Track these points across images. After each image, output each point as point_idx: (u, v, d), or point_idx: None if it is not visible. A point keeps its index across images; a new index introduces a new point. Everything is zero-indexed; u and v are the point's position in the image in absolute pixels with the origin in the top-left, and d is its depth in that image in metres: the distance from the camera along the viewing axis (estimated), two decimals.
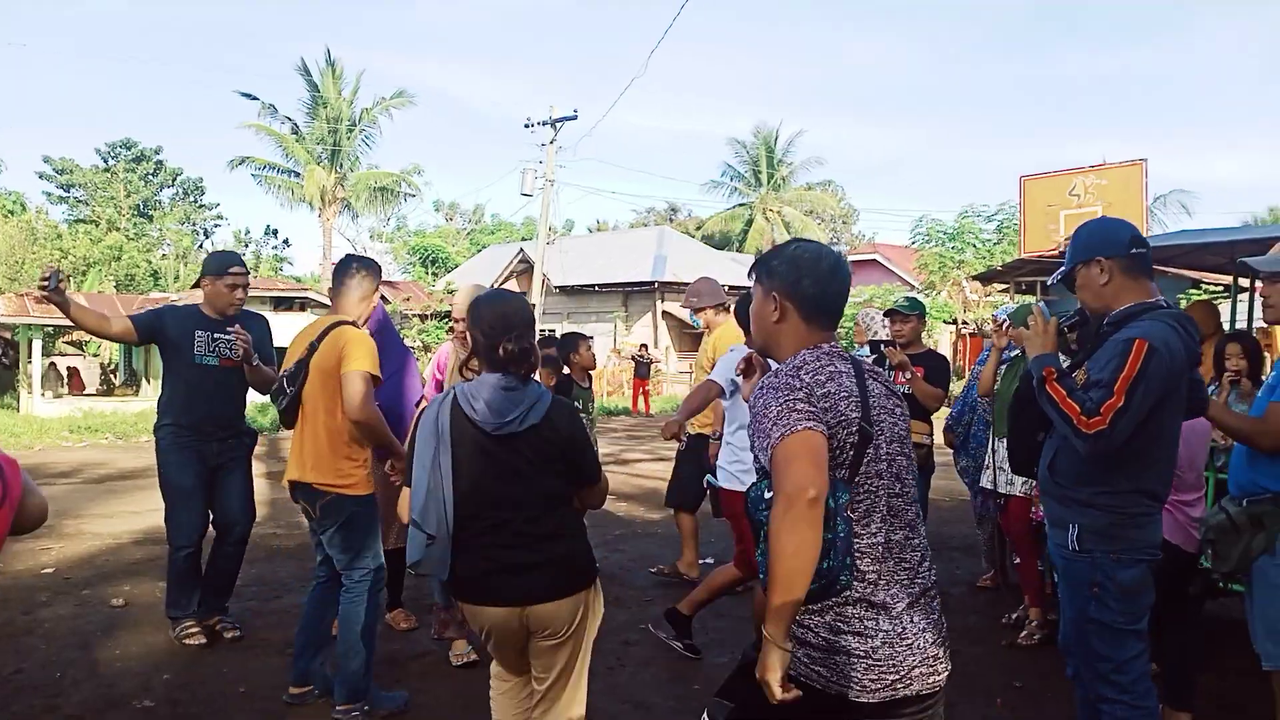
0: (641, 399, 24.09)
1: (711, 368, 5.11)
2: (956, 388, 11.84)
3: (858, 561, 2.06)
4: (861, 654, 2.06)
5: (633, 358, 24.92)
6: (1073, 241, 3.03)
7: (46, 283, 4.21)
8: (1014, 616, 5.31)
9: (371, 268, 4.22)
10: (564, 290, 31.04)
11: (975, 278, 22.09)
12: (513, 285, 29.81)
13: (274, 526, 7.79)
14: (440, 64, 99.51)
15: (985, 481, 5.47)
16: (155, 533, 7.83)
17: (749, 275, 2.39)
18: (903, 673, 2.06)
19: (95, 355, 28.14)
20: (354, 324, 3.99)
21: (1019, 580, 5.50)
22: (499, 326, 2.81)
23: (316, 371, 3.86)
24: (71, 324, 5.07)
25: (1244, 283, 7.25)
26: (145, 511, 8.73)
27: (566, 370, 6.14)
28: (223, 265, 4.87)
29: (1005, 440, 5.21)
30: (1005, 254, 22.99)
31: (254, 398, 5.21)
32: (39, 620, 5.29)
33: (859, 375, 2.21)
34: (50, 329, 22.84)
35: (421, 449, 2.79)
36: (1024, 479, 5.02)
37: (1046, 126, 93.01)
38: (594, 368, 6.57)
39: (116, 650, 4.81)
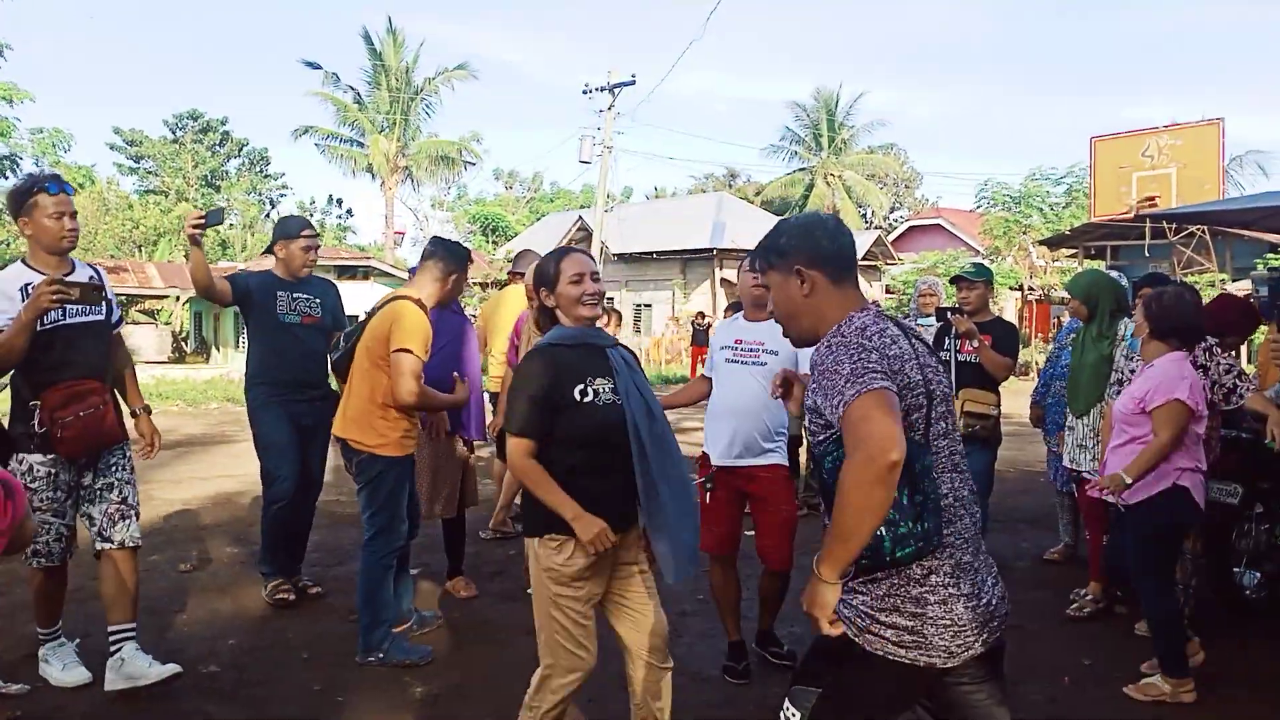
0: (700, 366, 23.95)
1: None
2: (1025, 356, 11.54)
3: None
4: (947, 623, 2.08)
5: (691, 325, 24.83)
6: None
7: (204, 219, 4.36)
8: (1084, 594, 5.16)
9: (452, 253, 4.36)
10: (622, 258, 30.92)
11: (1042, 243, 21.58)
12: None
13: (336, 493, 7.88)
14: (498, 30, 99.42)
15: (1066, 460, 5.28)
16: (222, 498, 8.01)
17: (750, 268, 2.29)
18: (982, 632, 2.11)
19: (167, 324, 28.81)
20: (418, 302, 4.12)
21: (1088, 554, 5.36)
22: None
23: (368, 334, 4.08)
24: (141, 290, 5.20)
25: None
26: (213, 477, 8.92)
27: None
28: (298, 228, 5.08)
29: (1082, 418, 5.05)
30: (1074, 218, 22.40)
31: None
32: None
33: (907, 337, 2.21)
34: (123, 298, 23.42)
35: None
36: (1094, 459, 4.86)
37: (1114, 87, 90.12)
38: None
39: (183, 615, 4.91)
